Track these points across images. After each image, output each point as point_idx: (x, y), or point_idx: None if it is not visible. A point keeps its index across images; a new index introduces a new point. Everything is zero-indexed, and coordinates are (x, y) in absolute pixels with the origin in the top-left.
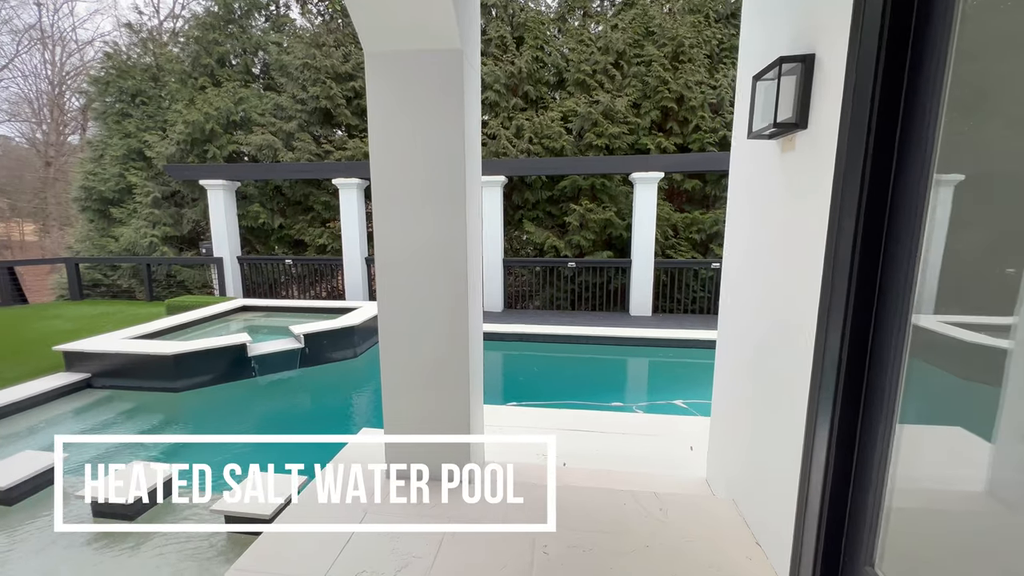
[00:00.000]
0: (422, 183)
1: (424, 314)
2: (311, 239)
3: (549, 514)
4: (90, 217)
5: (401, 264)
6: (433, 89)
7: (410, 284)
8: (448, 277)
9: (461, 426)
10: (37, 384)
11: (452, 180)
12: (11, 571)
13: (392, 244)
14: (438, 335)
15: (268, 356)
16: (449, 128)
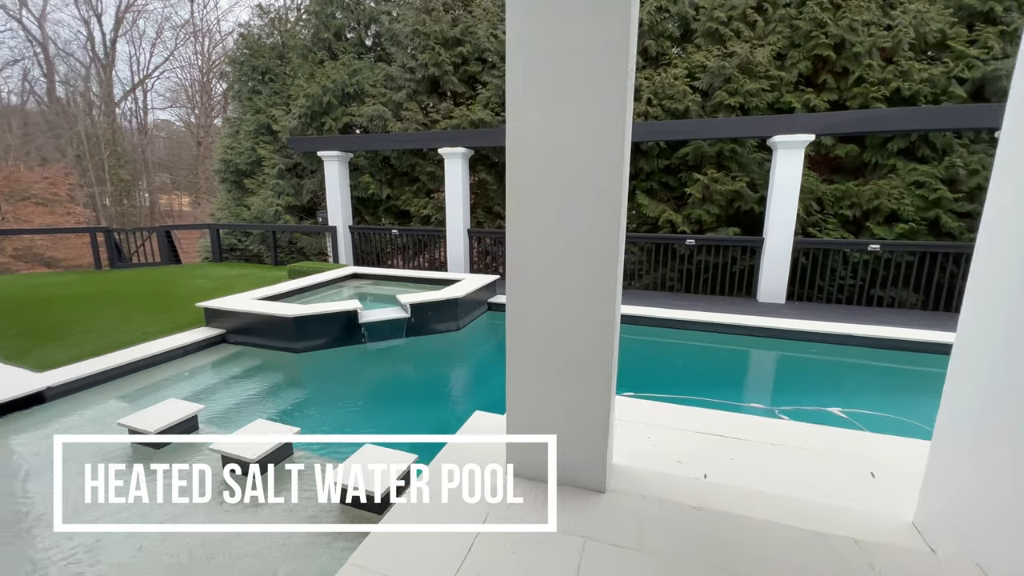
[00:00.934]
0: (574, 157)
1: (566, 305)
2: (416, 210)
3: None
4: (228, 188)
5: (548, 254)
6: (592, 33)
7: (555, 276)
8: (599, 263)
9: (598, 427)
10: (183, 336)
11: (609, 151)
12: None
13: (539, 227)
14: (579, 327)
15: (377, 324)
16: (609, 79)
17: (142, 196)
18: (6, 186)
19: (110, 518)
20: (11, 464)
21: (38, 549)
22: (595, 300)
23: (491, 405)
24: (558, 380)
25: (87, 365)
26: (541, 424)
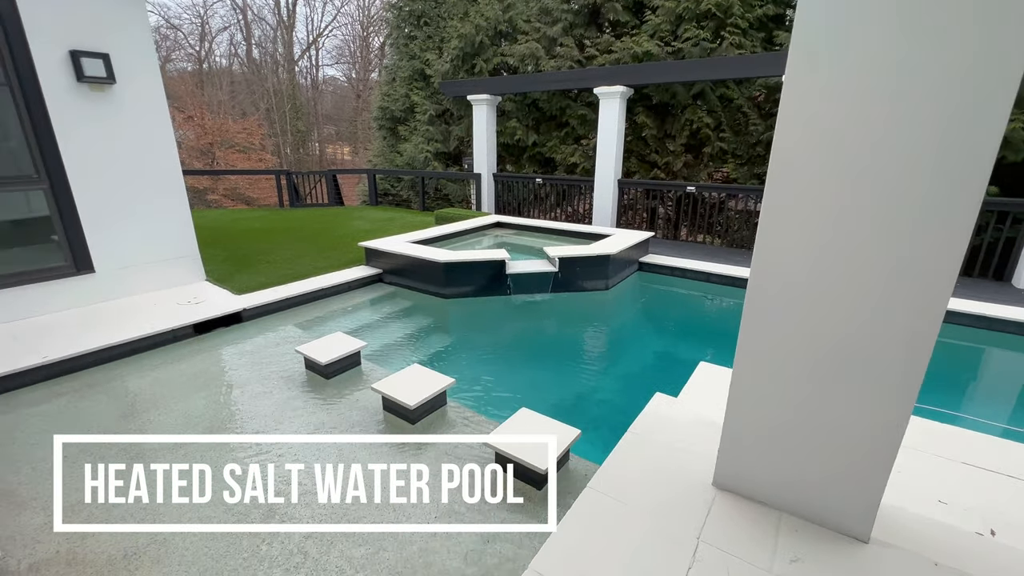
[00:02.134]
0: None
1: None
2: (562, 157)
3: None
4: (383, 135)
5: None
6: None
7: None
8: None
9: (880, 456)
10: (347, 273)
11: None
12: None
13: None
14: (876, 311)
15: (523, 276)
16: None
17: (313, 146)
18: (218, 136)
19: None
20: (223, 372)
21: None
22: (911, 272)
23: (641, 376)
24: (827, 384)
25: (271, 293)
26: (784, 442)
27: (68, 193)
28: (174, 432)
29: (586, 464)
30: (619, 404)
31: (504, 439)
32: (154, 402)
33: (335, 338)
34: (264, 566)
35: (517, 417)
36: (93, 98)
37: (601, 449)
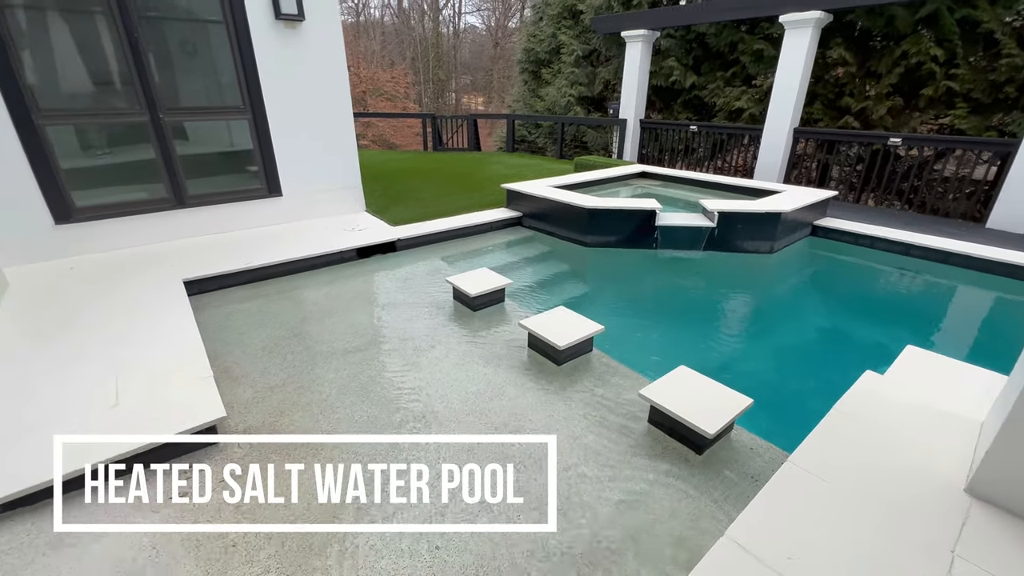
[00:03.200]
0: None
1: None
2: (725, 102)
3: None
4: (525, 79)
5: None
6: None
7: None
8: None
9: None
10: (488, 214)
11: None
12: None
13: None
14: None
15: (674, 229)
16: None
17: (450, 96)
18: (370, 85)
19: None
20: (381, 294)
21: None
22: None
23: (803, 354)
24: None
25: (420, 227)
26: None
27: (265, 123)
28: (343, 339)
29: (751, 437)
30: (773, 380)
31: (662, 395)
32: (327, 312)
33: (482, 273)
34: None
35: (675, 375)
36: (286, 35)
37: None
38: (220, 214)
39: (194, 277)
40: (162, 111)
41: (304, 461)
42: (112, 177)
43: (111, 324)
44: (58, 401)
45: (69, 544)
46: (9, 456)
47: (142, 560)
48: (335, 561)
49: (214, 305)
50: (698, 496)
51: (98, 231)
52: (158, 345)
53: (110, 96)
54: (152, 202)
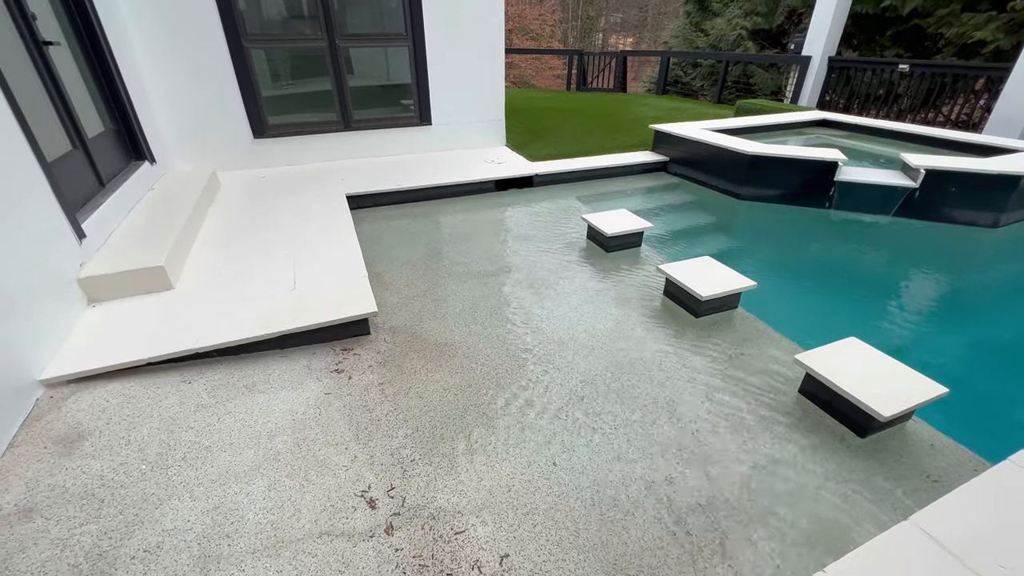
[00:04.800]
0: None
1: None
2: (959, 32)
3: None
4: (688, 10)
5: None
6: None
7: None
8: None
9: None
10: (631, 156)
11: None
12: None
13: None
14: None
15: (858, 187)
16: None
17: (597, 36)
18: (517, 22)
19: None
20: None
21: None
22: None
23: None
24: None
25: (558, 164)
26: None
27: (424, 52)
28: (478, 262)
29: (933, 432)
30: (968, 380)
31: (824, 364)
32: (465, 237)
33: (620, 214)
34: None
35: (843, 346)
36: None
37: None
38: (379, 139)
39: (354, 193)
40: (338, 37)
41: (438, 363)
42: (296, 103)
43: (291, 226)
44: (253, 282)
45: (259, 391)
46: (218, 316)
47: (310, 414)
48: (461, 451)
49: (369, 220)
50: (854, 482)
51: (284, 146)
52: (327, 247)
53: (299, 23)
54: (326, 123)
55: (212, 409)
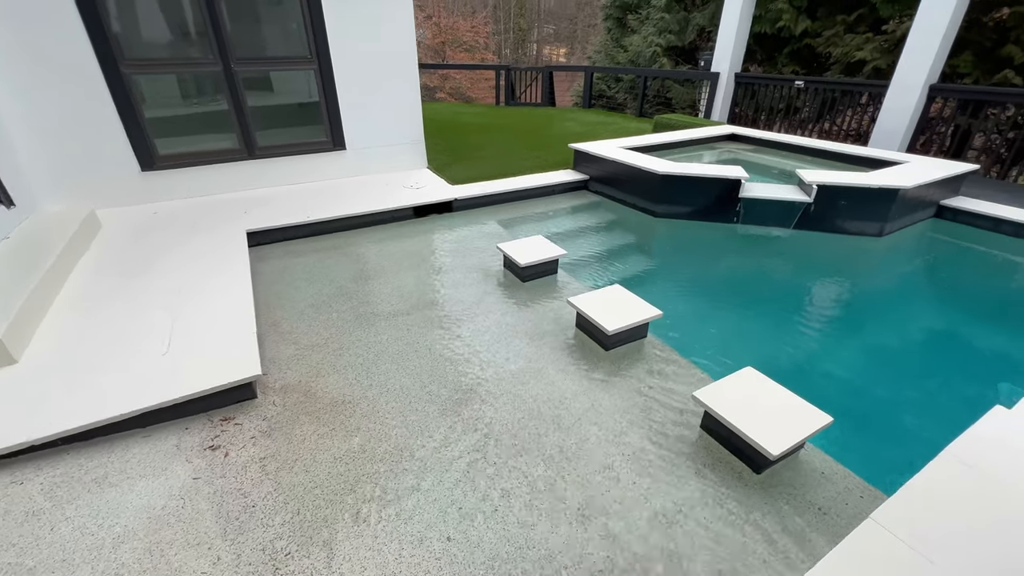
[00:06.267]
0: None
1: None
2: (843, 52)
3: None
4: (609, 26)
5: None
6: None
7: None
8: None
9: None
10: (552, 176)
11: None
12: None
13: None
14: None
15: (760, 203)
16: None
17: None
18: (450, 35)
19: None
20: (432, 256)
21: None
22: None
23: (909, 366)
24: None
25: (479, 187)
26: None
27: (331, 74)
28: (389, 301)
29: (823, 458)
30: (860, 388)
31: (720, 400)
32: (378, 272)
33: (535, 241)
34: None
35: (739, 377)
36: None
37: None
38: (287, 166)
39: (257, 228)
40: (234, 61)
41: (331, 426)
42: (190, 128)
43: (177, 271)
44: (119, 348)
45: (111, 484)
46: (67, 394)
47: (171, 508)
48: (344, 535)
49: (274, 256)
50: (748, 524)
51: (180, 178)
52: (215, 297)
53: (187, 47)
54: (227, 152)
55: (46, 516)
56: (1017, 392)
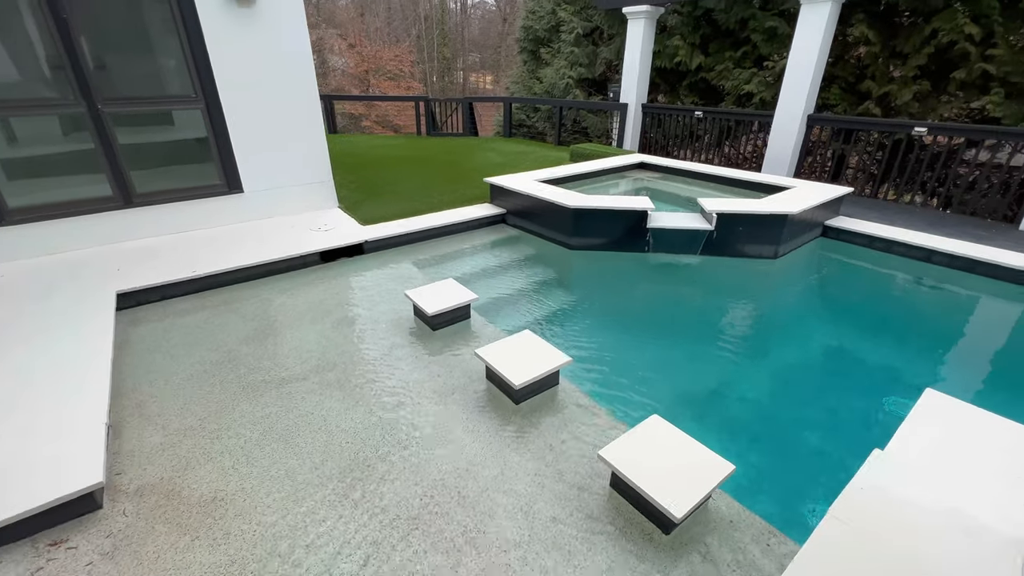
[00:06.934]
0: None
1: None
2: (733, 85)
3: None
4: (524, 59)
5: None
6: None
7: None
8: None
9: None
10: (470, 211)
11: None
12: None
13: None
14: None
15: (667, 232)
16: None
17: (457, 74)
18: (373, 64)
19: None
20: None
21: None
22: None
23: (811, 382)
24: None
25: (393, 226)
26: None
27: (220, 112)
28: (284, 363)
29: (729, 503)
30: (775, 414)
31: (626, 458)
32: (273, 329)
33: (446, 286)
34: None
35: (645, 429)
36: (238, 15)
37: (747, 481)
38: (172, 214)
39: (130, 288)
40: (100, 101)
41: (195, 534)
42: (51, 171)
43: (17, 349)
44: None
45: None
46: None
47: None
48: None
49: (152, 319)
50: None
51: (39, 233)
52: (62, 378)
53: (41, 86)
54: (96, 201)
55: None
56: (902, 403)
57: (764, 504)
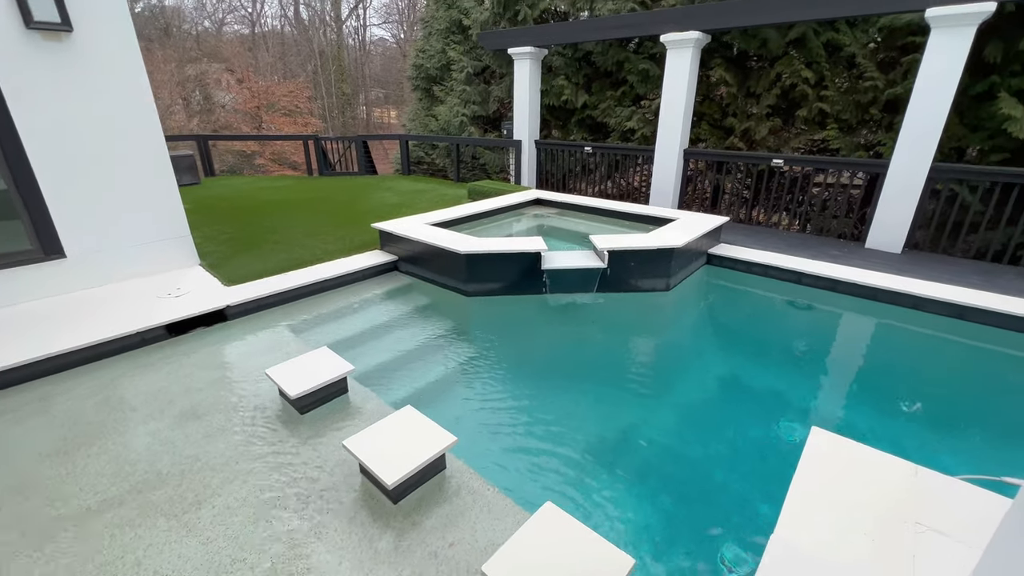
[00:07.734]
0: None
1: None
2: (617, 122)
3: None
4: (419, 96)
5: None
6: None
7: None
8: None
9: None
10: (357, 260)
11: None
12: None
13: None
14: None
15: (563, 272)
16: None
17: (360, 109)
18: (265, 99)
19: None
20: (184, 394)
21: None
22: None
23: (713, 416)
24: None
25: (265, 284)
26: None
27: (27, 167)
28: (97, 485)
29: None
30: (684, 454)
31: (515, 567)
32: (91, 436)
33: (317, 356)
34: None
35: (538, 523)
36: (47, 49)
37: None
38: None
39: None
40: None
41: None
42: None
43: None
44: None
45: None
46: None
47: None
48: None
49: None
50: None
51: None
52: None
53: None
54: None
55: None
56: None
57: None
